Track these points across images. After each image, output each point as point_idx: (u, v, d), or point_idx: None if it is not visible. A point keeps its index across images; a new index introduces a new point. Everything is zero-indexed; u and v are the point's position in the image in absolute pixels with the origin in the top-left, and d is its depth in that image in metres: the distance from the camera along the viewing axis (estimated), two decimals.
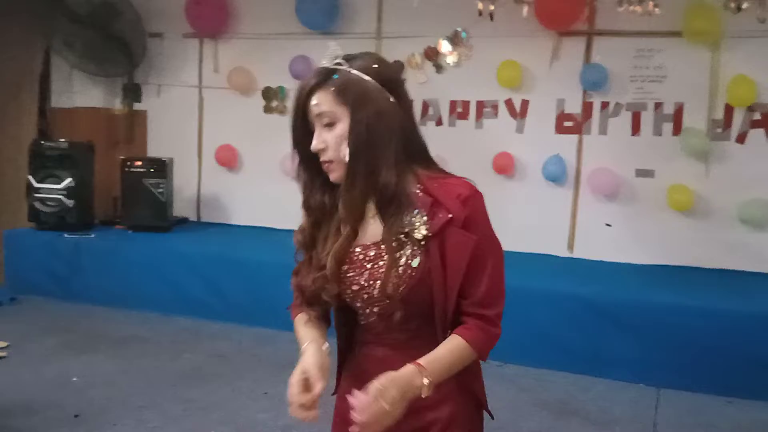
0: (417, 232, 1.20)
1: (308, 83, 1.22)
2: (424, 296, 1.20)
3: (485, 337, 1.22)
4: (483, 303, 1.22)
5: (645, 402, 3.26)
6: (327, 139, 1.21)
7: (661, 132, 4.16)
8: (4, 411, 2.91)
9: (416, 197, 1.21)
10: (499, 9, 3.84)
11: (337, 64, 1.21)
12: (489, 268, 1.22)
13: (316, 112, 1.21)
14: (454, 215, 1.19)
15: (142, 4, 5.05)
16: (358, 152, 1.19)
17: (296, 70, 4.71)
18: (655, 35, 4.06)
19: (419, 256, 1.20)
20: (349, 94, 1.19)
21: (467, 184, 1.24)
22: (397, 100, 1.23)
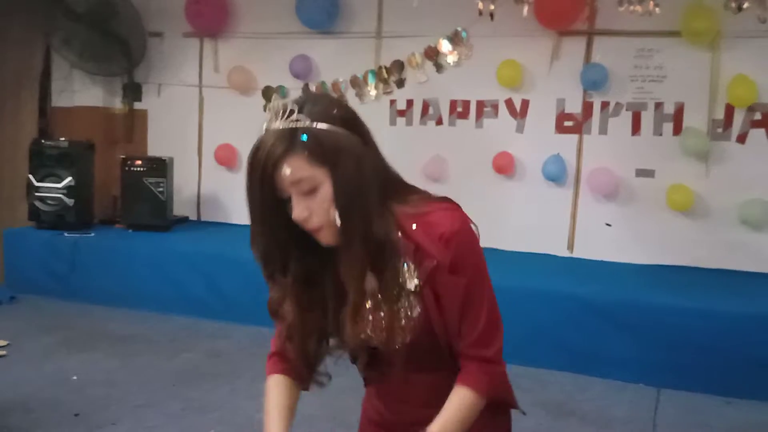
0: (409, 283, 1.14)
1: (273, 152, 1.07)
2: (429, 337, 1.17)
3: (489, 379, 1.18)
4: (481, 343, 1.17)
5: (644, 402, 3.26)
6: (310, 206, 1.10)
7: (662, 132, 4.16)
8: (4, 409, 2.91)
9: (400, 244, 1.13)
10: (499, 8, 3.84)
11: (294, 121, 1.08)
12: (483, 305, 1.16)
13: (292, 180, 1.08)
14: (439, 261, 1.12)
15: (141, 3, 5.05)
16: (349, 210, 1.09)
17: (296, 70, 4.71)
18: (655, 35, 4.06)
19: (417, 306, 1.15)
20: (324, 153, 1.07)
21: (448, 215, 1.15)
22: (363, 138, 1.13)
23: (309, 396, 1.30)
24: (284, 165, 1.07)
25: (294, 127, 1.07)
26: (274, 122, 1.09)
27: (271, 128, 1.09)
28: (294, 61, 4.70)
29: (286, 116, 1.08)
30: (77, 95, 5.26)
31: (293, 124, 1.07)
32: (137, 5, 5.02)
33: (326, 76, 4.70)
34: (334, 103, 1.15)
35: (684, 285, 3.75)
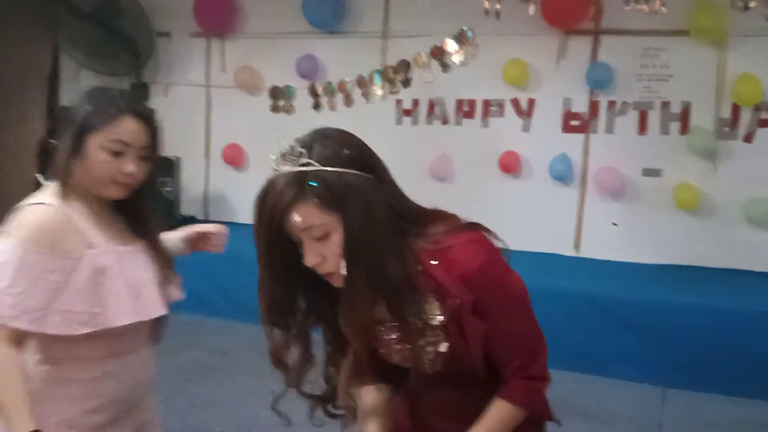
0: (432, 320, 1.11)
1: (281, 199, 1.03)
2: (463, 369, 1.15)
3: (529, 394, 1.17)
4: (522, 366, 1.15)
5: (650, 401, 3.26)
6: (322, 251, 1.06)
7: (668, 131, 4.15)
8: None
9: (420, 281, 1.09)
10: (505, 8, 3.83)
11: (304, 164, 1.03)
12: (518, 334, 1.14)
13: (302, 227, 1.04)
14: (461, 300, 1.08)
15: (149, 3, 5.06)
16: (357, 259, 1.05)
17: (303, 69, 4.72)
18: (661, 34, 4.05)
19: (443, 341, 1.12)
20: (334, 199, 1.03)
21: (470, 250, 1.10)
22: (375, 174, 1.08)
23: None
24: (294, 212, 1.03)
25: (303, 170, 1.03)
26: (283, 165, 1.05)
27: (279, 171, 1.05)
28: (300, 60, 4.71)
29: (294, 159, 1.04)
30: None
31: (301, 168, 1.03)
32: (145, 5, 5.03)
33: (332, 76, 4.71)
34: (344, 142, 1.08)
35: (691, 284, 3.74)
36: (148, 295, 1.44)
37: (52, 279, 1.31)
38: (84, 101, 1.39)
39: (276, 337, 1.17)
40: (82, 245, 1.35)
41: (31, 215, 1.34)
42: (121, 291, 1.38)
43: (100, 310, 1.36)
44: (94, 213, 1.40)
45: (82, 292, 1.34)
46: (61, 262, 1.32)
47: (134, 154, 1.37)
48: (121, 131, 1.35)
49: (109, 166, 1.34)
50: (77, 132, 1.33)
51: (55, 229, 1.32)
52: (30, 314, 1.29)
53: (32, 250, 1.30)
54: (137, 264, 1.44)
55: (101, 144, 1.34)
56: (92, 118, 1.34)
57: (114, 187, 1.37)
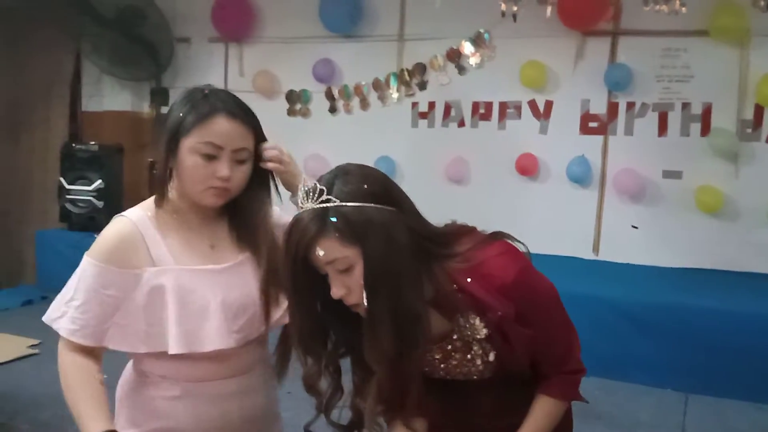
0: (479, 333, 1.16)
1: (305, 234, 1.08)
2: (507, 370, 1.22)
3: (570, 387, 1.26)
4: (562, 363, 1.24)
5: (673, 407, 3.21)
6: (347, 283, 1.10)
7: (689, 132, 4.10)
8: (36, 406, 2.98)
9: (459, 299, 1.14)
10: (522, 10, 3.82)
11: (324, 201, 1.09)
12: (558, 336, 1.22)
13: (326, 261, 1.09)
14: (503, 312, 1.13)
15: (168, 9, 5.13)
16: (377, 292, 1.08)
17: (319, 73, 4.75)
18: (681, 34, 4.00)
19: (491, 351, 1.18)
20: (354, 232, 1.07)
21: (501, 262, 1.14)
22: (397, 206, 1.12)
23: None
24: (317, 247, 1.08)
25: (324, 206, 1.08)
26: (306, 203, 1.11)
27: (304, 208, 1.11)
28: (317, 64, 4.73)
29: (316, 197, 1.09)
30: (106, 100, 5.37)
31: (322, 204, 1.09)
32: (165, 11, 5.10)
33: (349, 80, 4.73)
34: (365, 177, 1.13)
35: (713, 288, 3.69)
36: (210, 324, 1.29)
37: (109, 293, 1.26)
38: (179, 103, 1.30)
39: (308, 365, 1.21)
40: (146, 262, 1.28)
41: (107, 228, 1.31)
42: (173, 317, 1.27)
43: (157, 331, 1.28)
44: (185, 225, 1.32)
45: (140, 310, 1.27)
46: (121, 277, 1.26)
47: (229, 157, 1.25)
48: (211, 132, 1.24)
49: (201, 171, 1.24)
50: (170, 136, 1.26)
51: (119, 244, 1.27)
52: (87, 328, 1.27)
53: (93, 264, 1.27)
54: (210, 286, 1.30)
55: (192, 147, 1.24)
56: (183, 120, 1.25)
57: (210, 194, 1.27)
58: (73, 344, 1.28)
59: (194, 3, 5.07)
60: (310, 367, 1.20)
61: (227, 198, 1.29)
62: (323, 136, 4.64)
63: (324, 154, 4.58)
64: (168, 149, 1.26)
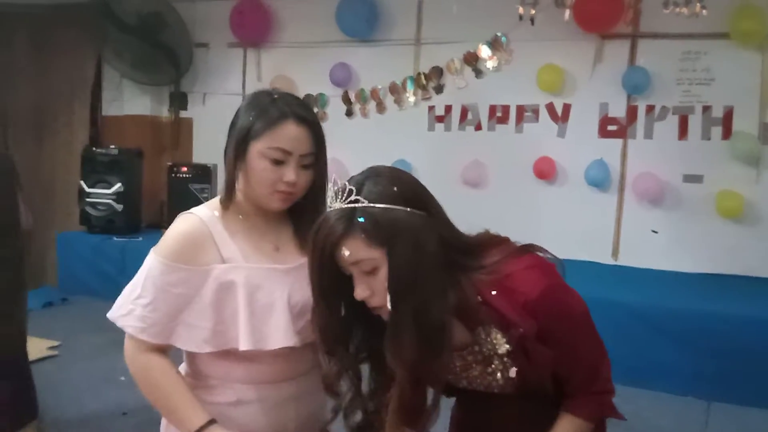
0: (500, 348, 1.13)
1: (332, 233, 1.08)
2: (528, 387, 1.17)
3: (596, 407, 1.20)
4: (588, 383, 1.19)
5: (694, 415, 3.16)
6: (372, 285, 1.09)
7: (710, 136, 4.04)
8: (56, 406, 3.02)
9: (482, 311, 1.12)
10: (539, 13, 3.81)
11: (352, 202, 1.08)
12: (583, 354, 1.17)
13: (351, 261, 1.09)
14: (525, 330, 1.10)
15: (188, 15, 5.19)
16: (402, 297, 1.07)
17: (336, 77, 4.76)
18: (702, 37, 3.96)
19: (513, 366, 1.15)
20: (381, 234, 1.06)
21: (530, 277, 1.11)
22: (427, 211, 1.10)
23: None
24: (343, 247, 1.08)
25: (352, 207, 1.08)
26: (334, 203, 1.10)
27: (332, 208, 1.10)
28: (334, 68, 4.75)
29: (345, 197, 1.09)
30: (126, 104, 5.44)
31: (350, 205, 1.08)
32: (185, 17, 5.16)
33: (366, 84, 4.75)
34: (395, 179, 1.11)
35: (734, 294, 3.63)
36: (276, 322, 1.29)
37: (176, 291, 1.25)
38: (247, 106, 1.31)
39: (329, 365, 1.21)
40: (214, 259, 1.28)
41: (174, 225, 1.31)
42: (243, 314, 1.27)
43: (223, 329, 1.27)
44: (251, 227, 1.33)
45: (208, 308, 1.26)
46: (188, 275, 1.26)
47: (296, 162, 1.26)
48: (281, 138, 1.25)
49: (269, 175, 1.26)
50: (239, 139, 1.27)
51: (187, 241, 1.27)
52: (155, 327, 1.26)
53: (160, 262, 1.27)
54: (278, 285, 1.30)
55: (261, 151, 1.25)
56: (253, 124, 1.26)
57: (276, 197, 1.28)
58: (144, 344, 1.28)
59: (213, 9, 5.13)
60: (330, 367, 1.20)
61: (292, 201, 1.31)
62: (340, 140, 4.63)
63: (340, 157, 4.59)
64: (237, 153, 1.27)
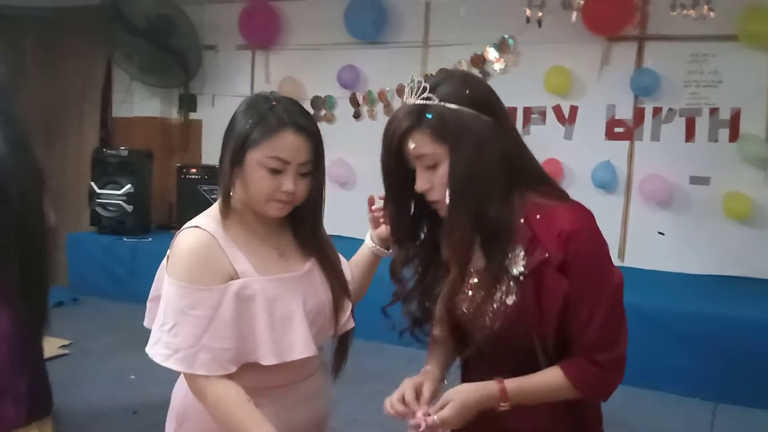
0: (514, 268, 1.13)
1: (400, 126, 1.13)
2: (521, 335, 1.14)
3: (592, 380, 1.15)
4: (593, 348, 1.13)
5: (700, 417, 3.16)
6: (432, 180, 1.14)
7: (717, 138, 4.04)
8: (66, 405, 3.05)
9: (518, 230, 1.13)
10: (547, 15, 3.82)
11: (425, 99, 1.12)
12: (599, 310, 1.12)
13: (415, 155, 1.14)
14: (550, 255, 1.10)
15: (197, 18, 5.23)
16: (459, 194, 1.11)
17: (344, 80, 4.79)
18: (709, 39, 3.96)
19: (513, 294, 1.13)
20: (446, 132, 1.10)
21: (575, 216, 1.14)
22: (496, 119, 1.14)
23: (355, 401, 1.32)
24: (410, 139, 1.13)
25: (423, 103, 1.12)
26: (409, 98, 1.15)
27: (405, 103, 1.15)
28: (342, 71, 4.78)
29: (419, 93, 1.13)
30: (136, 106, 5.48)
31: (422, 101, 1.12)
32: (194, 20, 5.20)
33: (373, 86, 4.77)
34: (468, 83, 1.16)
35: (741, 296, 3.63)
36: (297, 332, 1.27)
37: (195, 314, 1.21)
38: (244, 112, 1.27)
39: (397, 253, 1.27)
40: (228, 274, 1.24)
41: (182, 243, 1.27)
42: (263, 327, 1.24)
43: (242, 345, 1.24)
44: (253, 234, 1.30)
45: (229, 326, 1.22)
46: (205, 295, 1.22)
47: (294, 171, 1.24)
48: (279, 147, 1.22)
49: (267, 184, 1.23)
50: (236, 147, 1.24)
51: (199, 259, 1.23)
52: (180, 352, 1.22)
53: (177, 285, 1.23)
54: (293, 294, 1.29)
55: (259, 160, 1.23)
56: (251, 132, 1.23)
57: (273, 206, 1.26)
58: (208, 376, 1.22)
59: (222, 12, 5.16)
60: (398, 255, 1.26)
61: (290, 209, 1.29)
62: (348, 142, 4.67)
63: (348, 159, 4.62)
64: (234, 161, 1.24)
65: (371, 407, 2.70)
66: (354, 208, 1.18)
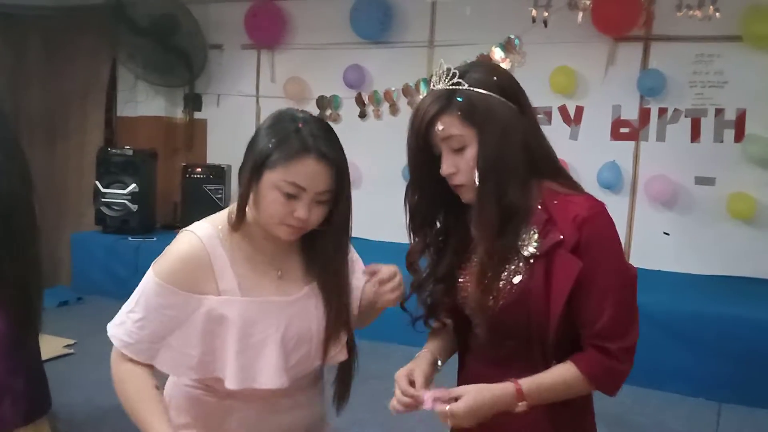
0: (525, 249, 1.15)
1: (430, 109, 1.16)
2: (521, 316, 1.15)
3: (604, 372, 1.14)
4: (604, 335, 1.13)
5: (705, 417, 3.16)
6: (457, 163, 1.16)
7: (722, 139, 4.04)
8: (70, 405, 3.05)
9: (534, 213, 1.16)
10: (553, 15, 3.82)
11: (454, 84, 1.16)
12: (608, 298, 1.12)
13: (443, 137, 1.16)
14: (565, 237, 1.12)
15: (202, 17, 5.23)
16: (488, 175, 1.14)
17: (350, 79, 4.79)
18: (715, 40, 3.96)
19: (521, 274, 1.15)
20: (475, 115, 1.14)
21: (591, 203, 1.17)
22: (520, 107, 1.18)
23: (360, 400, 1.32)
24: (438, 122, 1.16)
25: (452, 88, 1.16)
26: (438, 84, 1.19)
27: (433, 89, 1.19)
28: (347, 71, 4.78)
29: (448, 79, 1.17)
30: (141, 105, 5.48)
31: (451, 86, 1.16)
32: (198, 19, 5.20)
33: (379, 86, 4.77)
34: (495, 71, 1.21)
35: (746, 296, 3.62)
36: (266, 360, 1.24)
37: (168, 313, 1.23)
38: (269, 128, 1.23)
39: (413, 243, 1.28)
40: (211, 289, 1.24)
41: (176, 245, 1.27)
42: (232, 350, 1.23)
43: (211, 359, 1.25)
44: (256, 250, 1.28)
45: (197, 336, 1.23)
46: (182, 299, 1.22)
47: (310, 198, 1.20)
48: (297, 173, 1.17)
49: (279, 208, 1.19)
50: (255, 164, 1.20)
51: (185, 266, 1.23)
52: (140, 344, 1.25)
53: (156, 282, 1.24)
54: (275, 319, 1.25)
55: (275, 182, 1.18)
56: (271, 152, 1.19)
57: (283, 229, 1.23)
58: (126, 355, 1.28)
59: (227, 11, 5.17)
60: (415, 244, 1.27)
61: (301, 233, 1.26)
62: (353, 142, 4.61)
63: (354, 159, 4.57)
64: (251, 178, 1.21)
65: (374, 407, 2.70)
66: (359, 207, 1.18)
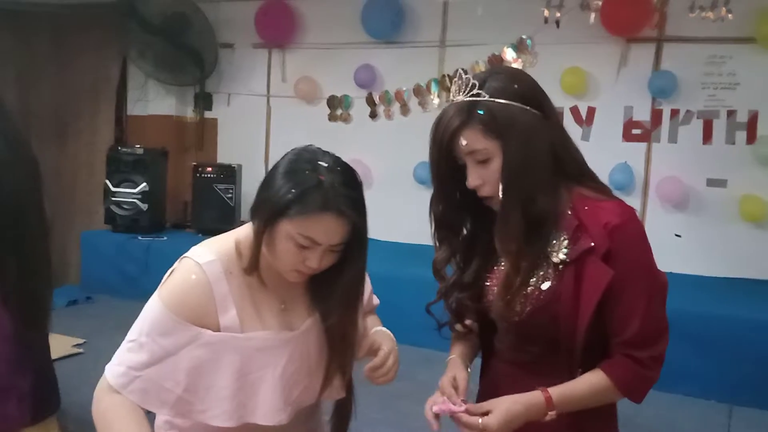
0: (555, 256, 1.14)
1: (452, 123, 1.14)
2: (549, 322, 1.14)
3: (633, 379, 1.14)
4: (634, 343, 1.13)
5: (716, 419, 3.15)
6: (483, 175, 1.15)
7: (734, 140, 4.02)
8: (80, 404, 3.03)
9: (564, 220, 1.15)
10: (565, 16, 3.81)
11: (474, 95, 1.14)
12: (641, 306, 1.12)
13: (467, 151, 1.15)
14: (596, 244, 1.11)
15: (213, 16, 5.24)
16: (512, 186, 1.13)
17: (361, 79, 4.79)
18: (727, 41, 3.94)
19: (551, 280, 1.14)
20: (497, 127, 1.12)
21: (622, 209, 1.15)
22: (543, 113, 1.16)
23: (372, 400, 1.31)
24: (461, 136, 1.14)
25: (473, 100, 1.14)
26: (458, 96, 1.17)
27: (454, 101, 1.17)
28: (358, 70, 4.78)
29: (468, 90, 1.15)
30: (151, 104, 5.50)
31: (471, 98, 1.15)
32: (209, 18, 5.21)
33: (390, 85, 4.77)
34: (516, 78, 1.18)
35: (758, 298, 3.61)
36: (263, 397, 1.20)
37: (160, 342, 1.18)
38: (287, 174, 1.16)
39: (439, 251, 1.28)
40: (211, 323, 1.19)
41: (181, 273, 1.21)
42: (227, 388, 1.18)
43: (191, 399, 1.19)
44: (260, 286, 1.23)
45: (181, 372, 1.17)
46: (180, 328, 1.17)
47: (324, 249, 1.15)
48: (315, 229, 1.12)
49: (292, 257, 1.15)
50: (271, 213, 1.14)
51: (187, 298, 1.19)
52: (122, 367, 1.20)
53: (157, 309, 1.19)
54: (275, 356, 1.21)
55: (290, 233, 1.13)
56: (289, 204, 1.12)
57: (293, 274, 1.19)
58: None
59: (238, 10, 5.18)
60: (441, 252, 1.27)
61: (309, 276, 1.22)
62: (364, 142, 4.68)
63: (364, 159, 4.62)
64: (265, 224, 1.15)
65: (387, 407, 2.71)
66: (369, 208, 1.17)
